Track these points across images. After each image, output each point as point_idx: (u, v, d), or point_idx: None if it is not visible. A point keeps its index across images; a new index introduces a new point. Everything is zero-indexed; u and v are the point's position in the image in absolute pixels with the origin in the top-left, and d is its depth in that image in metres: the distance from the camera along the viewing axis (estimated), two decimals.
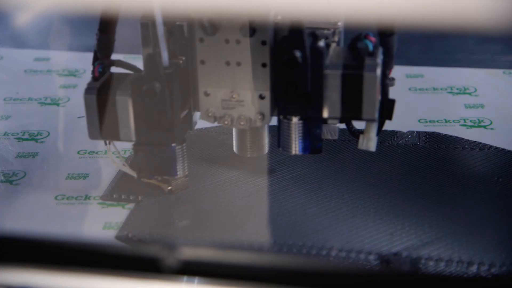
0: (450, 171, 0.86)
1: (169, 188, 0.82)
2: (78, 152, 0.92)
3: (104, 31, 0.77)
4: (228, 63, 0.76)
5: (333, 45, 0.76)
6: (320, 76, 0.73)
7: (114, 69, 0.78)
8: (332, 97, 0.73)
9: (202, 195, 0.83)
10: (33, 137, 0.96)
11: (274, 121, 0.78)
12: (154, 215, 0.80)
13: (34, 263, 0.57)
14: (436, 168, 0.86)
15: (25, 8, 1.23)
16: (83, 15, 0.67)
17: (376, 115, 0.74)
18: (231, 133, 0.85)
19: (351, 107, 0.73)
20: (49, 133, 0.97)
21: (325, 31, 0.75)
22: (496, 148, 0.90)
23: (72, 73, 1.14)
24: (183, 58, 0.77)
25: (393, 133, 0.93)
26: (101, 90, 0.76)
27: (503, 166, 0.86)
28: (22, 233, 0.67)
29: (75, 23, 1.19)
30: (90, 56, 0.78)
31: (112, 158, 0.81)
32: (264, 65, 0.75)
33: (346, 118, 0.76)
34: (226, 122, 0.78)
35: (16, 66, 1.18)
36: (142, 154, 0.78)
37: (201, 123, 0.83)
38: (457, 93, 1.04)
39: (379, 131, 0.77)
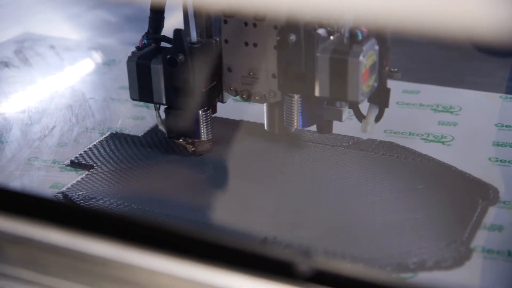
0: (378, 176, 0.89)
1: (193, 149, 0.94)
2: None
3: (155, 10, 0.92)
4: (246, 44, 0.88)
5: (337, 34, 0.86)
6: (312, 58, 0.84)
7: None
8: (322, 78, 0.84)
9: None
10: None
11: None
12: (97, 182, 0.91)
13: None
14: (366, 172, 0.90)
15: None
16: None
17: (361, 98, 0.83)
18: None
19: (338, 88, 0.84)
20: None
21: (332, 22, 0.85)
22: (438, 161, 0.92)
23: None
24: (217, 39, 0.90)
25: (351, 138, 0.98)
26: (140, 58, 0.91)
27: (430, 177, 0.89)
28: None
29: None
30: None
31: (158, 120, 0.95)
32: (276, 47, 0.87)
33: (333, 98, 0.86)
34: (244, 96, 0.91)
35: None
36: (171, 117, 0.92)
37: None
38: (440, 111, 1.06)
39: (379, 117, 0.88)
